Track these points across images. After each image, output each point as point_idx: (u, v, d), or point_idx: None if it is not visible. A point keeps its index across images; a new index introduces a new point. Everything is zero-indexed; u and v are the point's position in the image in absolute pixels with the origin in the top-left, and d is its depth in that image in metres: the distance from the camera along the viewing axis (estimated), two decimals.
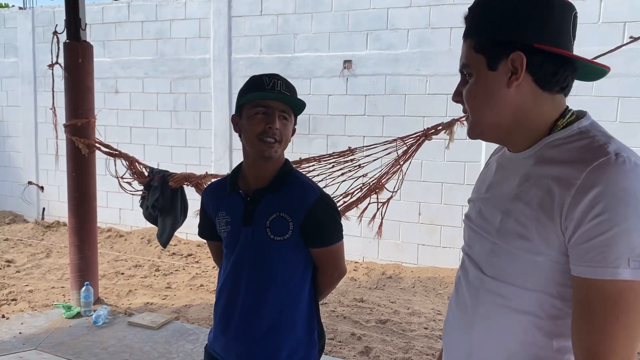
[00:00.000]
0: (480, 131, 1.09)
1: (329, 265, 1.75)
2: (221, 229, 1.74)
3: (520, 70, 0.99)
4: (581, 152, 0.95)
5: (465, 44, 1.07)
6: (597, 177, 0.89)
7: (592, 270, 0.89)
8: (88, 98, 4.18)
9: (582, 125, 1.01)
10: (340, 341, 3.95)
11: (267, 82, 1.63)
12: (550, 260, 0.97)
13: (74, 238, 4.27)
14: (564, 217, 0.92)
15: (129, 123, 7.03)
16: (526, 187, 1.01)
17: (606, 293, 0.89)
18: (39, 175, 7.58)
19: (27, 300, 4.56)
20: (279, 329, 1.67)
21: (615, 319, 0.89)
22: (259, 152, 1.63)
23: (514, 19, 1.00)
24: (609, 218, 0.87)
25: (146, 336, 3.83)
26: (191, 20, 6.56)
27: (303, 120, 6.00)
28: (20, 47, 7.51)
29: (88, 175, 4.25)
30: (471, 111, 1.07)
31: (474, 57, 1.04)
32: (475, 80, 1.04)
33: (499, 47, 1.00)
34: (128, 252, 6.27)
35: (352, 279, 5.41)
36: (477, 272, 1.11)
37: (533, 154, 1.04)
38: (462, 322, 1.15)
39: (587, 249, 0.90)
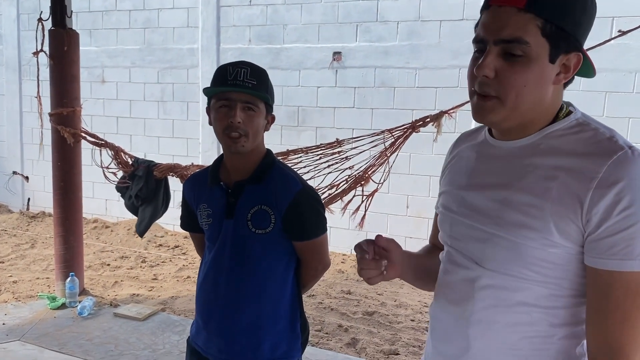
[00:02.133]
0: (505, 118, 1.00)
1: (312, 258, 1.74)
2: (202, 221, 1.73)
3: (572, 71, 0.98)
4: (590, 144, 0.95)
5: (523, 16, 0.93)
6: (619, 172, 0.90)
7: (617, 263, 0.90)
8: (74, 87, 4.12)
9: (577, 116, 1.02)
10: (328, 333, 3.96)
11: (230, 72, 1.57)
12: (567, 252, 0.96)
13: (59, 228, 4.22)
14: (586, 211, 0.92)
15: (116, 113, 6.95)
16: (532, 179, 0.99)
17: (631, 285, 0.90)
18: (24, 165, 7.48)
19: (11, 291, 4.51)
20: (261, 322, 1.66)
21: (638, 311, 0.91)
22: (226, 147, 1.62)
23: (588, 17, 0.96)
24: (635, 212, 0.89)
25: (132, 327, 3.81)
26: (179, 9, 6.48)
27: (292, 112, 5.98)
28: (4, 34, 7.39)
29: (73, 165, 4.20)
30: (511, 97, 0.97)
31: (539, 40, 0.94)
32: (532, 65, 0.95)
33: (566, 41, 0.95)
34: (114, 243, 6.22)
35: (340, 271, 5.42)
36: (471, 264, 1.09)
37: (531, 143, 1.02)
38: (457, 317, 1.12)
39: (612, 242, 0.90)
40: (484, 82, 0.98)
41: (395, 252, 1.22)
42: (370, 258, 1.20)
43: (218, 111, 1.58)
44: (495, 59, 0.96)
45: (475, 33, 1.02)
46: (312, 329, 3.96)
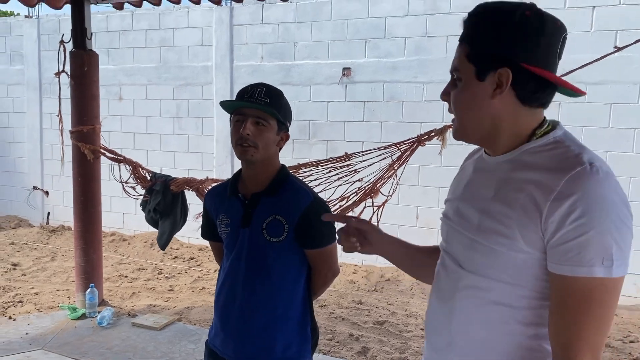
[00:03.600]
0: (463, 134, 1.17)
1: (322, 265, 1.86)
2: (221, 230, 1.86)
3: (504, 85, 1.07)
4: (558, 160, 1.05)
5: (460, 48, 1.13)
6: (574, 185, 0.99)
7: (569, 269, 0.99)
8: (93, 105, 4.30)
9: (557, 135, 1.10)
10: (339, 341, 4.05)
11: (248, 91, 1.74)
12: (531, 257, 1.06)
13: (79, 241, 4.38)
14: (544, 220, 1.01)
15: (133, 129, 7.15)
16: (506, 190, 1.10)
17: (581, 289, 0.99)
18: (44, 180, 7.71)
19: (33, 302, 4.68)
20: (274, 324, 1.78)
21: (587, 312, 0.99)
22: (239, 157, 1.76)
23: (508, 36, 1.06)
24: (585, 222, 0.97)
25: (149, 337, 3.94)
26: (194, 28, 6.69)
27: (303, 126, 6.13)
28: (26, 54, 7.66)
29: (93, 180, 4.37)
30: (456, 114, 1.15)
31: (465, 64, 1.10)
32: (463, 86, 1.12)
33: (490, 60, 1.08)
34: (131, 255, 6.39)
35: (351, 281, 5.51)
36: (456, 267, 1.20)
37: (511, 159, 1.13)
38: (443, 313, 1.23)
39: (566, 249, 0.99)
40: (448, 103, 1.18)
41: (371, 234, 1.43)
42: (344, 233, 1.42)
43: (234, 125, 1.74)
44: (450, 86, 1.16)
45: None
46: (323, 338, 4.07)
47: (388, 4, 5.73)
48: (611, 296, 0.99)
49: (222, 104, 1.77)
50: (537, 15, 1.06)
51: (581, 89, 1.18)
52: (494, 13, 1.10)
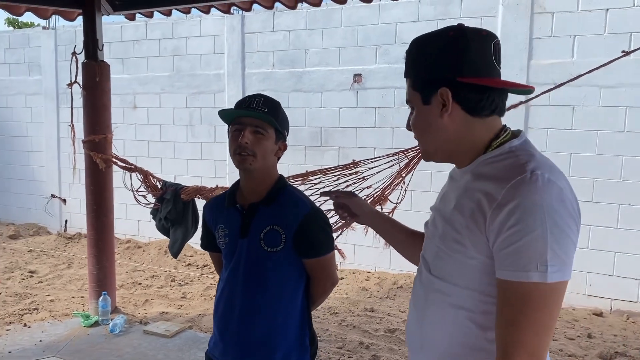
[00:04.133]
0: (427, 155, 1.27)
1: (321, 275, 1.85)
2: (220, 240, 1.86)
3: (447, 103, 1.15)
4: (505, 170, 1.10)
5: (406, 82, 1.24)
6: (513, 193, 1.03)
7: (508, 273, 1.04)
8: (105, 115, 4.36)
9: (513, 144, 1.16)
10: (349, 350, 4.03)
11: (246, 100, 1.77)
12: (481, 263, 1.11)
13: (92, 249, 4.43)
14: (487, 227, 1.07)
15: (147, 137, 7.23)
16: (462, 199, 1.16)
17: (519, 293, 1.03)
18: (62, 188, 7.83)
19: (48, 309, 4.74)
20: (273, 334, 1.78)
21: (525, 316, 1.02)
22: (237, 166, 1.77)
23: (439, 59, 1.16)
24: (521, 229, 1.01)
25: (160, 344, 3.96)
26: (206, 37, 6.75)
27: (315, 132, 6.13)
28: (43, 65, 7.80)
29: (105, 188, 4.42)
30: (418, 139, 1.26)
31: (413, 93, 1.21)
32: (416, 113, 1.22)
33: (429, 85, 1.17)
34: (146, 262, 6.44)
35: (364, 288, 5.48)
36: (427, 273, 1.26)
37: (470, 170, 1.19)
38: (416, 317, 1.30)
39: (505, 255, 1.04)
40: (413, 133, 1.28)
41: (352, 206, 1.70)
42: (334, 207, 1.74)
43: (232, 134, 1.76)
44: (409, 115, 1.27)
45: None
46: (333, 347, 4.05)
47: (399, 10, 5.71)
48: (548, 301, 1.02)
49: (221, 113, 1.78)
50: (459, 32, 1.14)
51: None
52: (423, 43, 1.20)
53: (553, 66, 5.01)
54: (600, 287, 5.01)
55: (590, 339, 4.34)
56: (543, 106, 5.10)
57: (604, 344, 4.23)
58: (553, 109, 5.09)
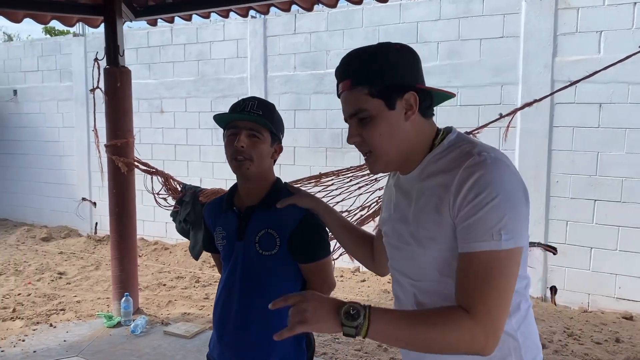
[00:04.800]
0: (387, 163, 1.27)
1: (317, 279, 1.84)
2: (218, 242, 1.87)
3: (415, 106, 1.22)
4: (454, 160, 1.19)
5: (354, 93, 1.24)
6: (467, 174, 1.13)
7: (468, 245, 1.12)
8: (126, 120, 4.44)
9: (450, 139, 1.25)
10: (367, 352, 4.00)
11: (240, 104, 1.75)
12: (454, 249, 1.17)
13: (115, 251, 4.52)
14: (451, 209, 1.15)
15: (174, 141, 7.35)
16: (423, 201, 1.22)
17: (480, 262, 1.10)
18: (92, 191, 8.02)
19: (74, 310, 4.85)
20: (268, 338, 1.76)
21: (486, 282, 1.10)
22: (234, 171, 1.76)
23: (400, 67, 1.23)
24: (476, 203, 1.10)
25: (179, 345, 4.01)
26: (229, 41, 6.82)
27: (336, 134, 6.12)
28: (74, 71, 8.01)
29: (128, 192, 4.50)
30: (377, 148, 1.25)
31: (371, 101, 1.22)
32: (377, 120, 1.23)
33: (394, 90, 1.22)
34: (172, 264, 6.54)
35: (386, 291, 5.44)
36: (408, 280, 1.29)
37: (420, 172, 1.26)
38: None
39: (463, 229, 1.12)
40: (357, 145, 1.29)
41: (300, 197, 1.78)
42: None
43: (227, 139, 1.75)
44: (356, 128, 1.26)
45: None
46: (351, 349, 4.03)
47: (420, 9, 5.66)
48: (506, 266, 1.11)
49: (216, 117, 1.77)
50: (402, 47, 1.26)
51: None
52: (374, 55, 1.24)
53: (578, 63, 4.87)
54: (630, 289, 4.84)
55: (618, 343, 4.20)
56: (568, 104, 4.97)
57: (632, 349, 4.08)
58: (579, 107, 4.95)
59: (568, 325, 4.54)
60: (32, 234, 7.86)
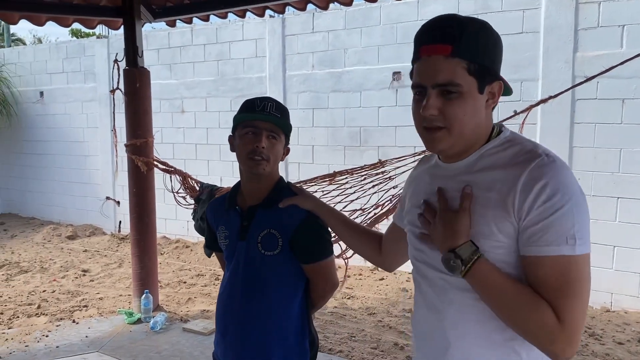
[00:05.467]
0: (454, 144, 1.20)
1: (319, 279, 1.83)
2: (221, 242, 1.88)
3: (497, 96, 1.19)
4: (516, 156, 1.15)
5: (451, 62, 1.13)
6: (538, 173, 1.09)
7: (540, 249, 1.08)
8: (146, 120, 4.51)
9: (506, 135, 1.22)
10: (383, 351, 4.00)
11: (258, 104, 1.74)
12: (508, 248, 1.14)
13: (135, 249, 4.60)
14: (517, 209, 1.10)
15: (195, 140, 7.43)
16: (478, 193, 1.17)
17: (558, 267, 1.07)
18: (116, 190, 8.16)
19: (97, 306, 4.96)
20: (270, 337, 1.77)
21: (571, 290, 1.07)
22: (249, 170, 1.75)
23: (499, 51, 1.19)
24: (550, 206, 1.07)
25: (197, 341, 4.07)
26: (248, 41, 6.87)
27: (354, 132, 6.12)
28: (97, 73, 8.16)
29: (147, 191, 4.57)
30: (456, 127, 1.16)
31: (467, 78, 1.14)
32: (466, 99, 1.15)
33: (488, 75, 1.17)
34: (192, 262, 6.62)
35: (404, 289, 5.42)
36: (440, 275, 1.24)
37: (472, 162, 1.22)
38: (435, 322, 1.26)
39: (534, 231, 1.08)
40: (432, 118, 1.17)
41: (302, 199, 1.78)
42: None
43: (244, 137, 1.74)
44: (436, 100, 1.16)
45: (411, 81, 1.23)
46: (367, 347, 4.03)
47: (438, 5, 5.61)
48: (582, 271, 1.08)
49: (237, 117, 1.77)
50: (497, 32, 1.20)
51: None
52: (490, 32, 1.17)
53: (600, 58, 4.77)
54: None
55: None
56: (589, 100, 4.88)
57: None
58: (600, 103, 4.86)
59: (590, 325, 4.47)
60: (58, 232, 8.03)
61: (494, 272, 1.12)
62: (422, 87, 1.18)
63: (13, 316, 4.70)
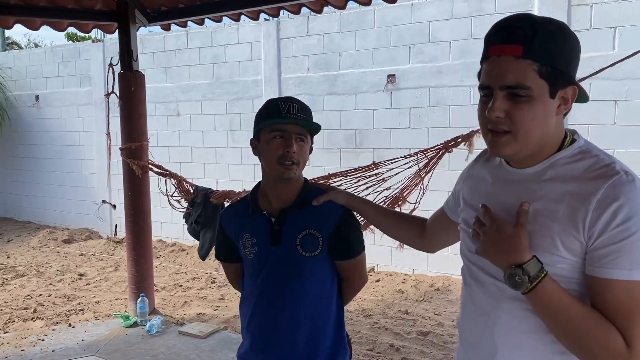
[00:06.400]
0: (520, 150, 1.15)
1: (354, 275, 1.84)
2: (247, 251, 1.79)
3: (571, 102, 1.14)
4: (591, 170, 1.11)
5: (521, 63, 1.09)
6: (615, 192, 1.05)
7: (609, 272, 1.05)
8: (141, 123, 4.52)
9: (580, 144, 1.18)
10: (379, 352, 4.01)
11: (282, 106, 1.68)
12: (570, 264, 1.10)
13: (131, 252, 4.61)
14: (587, 227, 1.06)
15: (190, 143, 7.44)
16: (542, 204, 1.14)
17: (629, 292, 1.04)
18: (112, 194, 8.16)
19: (93, 310, 4.96)
20: (315, 340, 1.75)
21: (637, 312, 1.04)
22: (279, 175, 1.70)
23: (576, 55, 1.13)
24: (626, 228, 1.03)
25: (194, 345, 4.07)
26: (243, 44, 6.89)
27: (350, 135, 6.14)
28: (93, 76, 8.17)
29: (142, 194, 4.58)
30: (522, 131, 1.12)
31: (538, 81, 1.09)
32: (536, 103, 1.10)
33: (562, 79, 1.11)
34: (188, 265, 6.62)
35: (400, 291, 5.43)
36: (493, 281, 1.22)
37: (541, 170, 1.18)
38: (483, 327, 1.25)
39: (605, 253, 1.05)
40: (497, 121, 1.13)
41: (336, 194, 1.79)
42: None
43: (272, 142, 1.68)
44: (503, 102, 1.12)
45: (479, 81, 1.19)
46: (363, 349, 4.04)
47: (432, 8, 5.64)
48: None
49: (265, 123, 1.70)
50: (576, 36, 1.14)
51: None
52: (568, 34, 1.11)
53: (593, 60, 4.78)
54: None
55: None
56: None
57: None
58: (594, 104, 4.88)
59: None
60: (55, 236, 8.03)
61: (558, 291, 1.08)
62: (489, 89, 1.14)
63: (9, 320, 4.70)
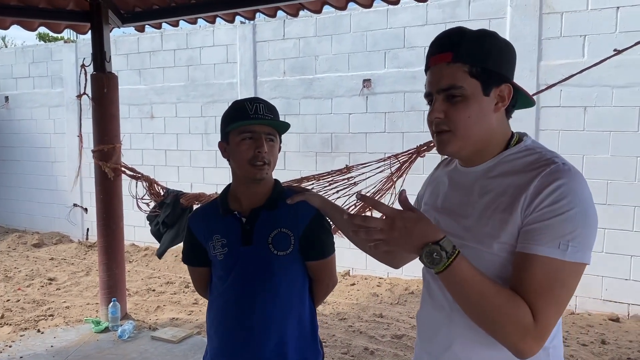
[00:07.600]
0: (462, 147, 1.23)
1: (324, 276, 1.83)
2: (216, 252, 1.76)
3: (507, 99, 1.22)
4: (534, 163, 1.18)
5: (452, 67, 1.18)
6: (550, 178, 1.11)
7: (530, 247, 1.10)
8: (113, 125, 4.46)
9: (527, 143, 1.25)
10: (353, 356, 4.02)
11: (249, 107, 1.68)
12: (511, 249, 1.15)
13: (102, 256, 4.53)
14: (523, 210, 1.13)
15: (164, 146, 7.37)
16: (489, 198, 1.21)
17: (541, 268, 1.09)
18: (83, 197, 8.03)
19: (63, 315, 4.86)
20: (287, 342, 1.73)
21: (550, 292, 1.09)
22: (251, 176, 1.70)
23: (506, 56, 1.21)
24: (554, 209, 1.09)
25: (166, 350, 4.02)
26: (219, 46, 6.86)
27: (325, 139, 6.15)
28: (65, 77, 8.03)
29: (114, 197, 4.51)
30: (461, 129, 1.20)
31: (469, 80, 1.18)
32: (470, 102, 1.19)
33: (494, 77, 1.19)
34: (162, 269, 6.54)
35: (374, 294, 5.46)
36: None
37: (490, 167, 1.25)
38: (440, 320, 1.29)
39: (531, 230, 1.11)
40: (438, 122, 1.23)
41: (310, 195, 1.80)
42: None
43: (242, 143, 1.68)
44: (441, 104, 1.22)
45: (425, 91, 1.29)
46: (338, 352, 4.04)
47: (407, 14, 5.70)
48: (567, 279, 1.09)
49: (234, 125, 1.70)
50: (508, 42, 1.23)
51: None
52: (483, 36, 1.21)
53: (563, 67, 4.90)
54: (616, 291, 4.87)
55: (604, 345, 4.23)
56: (554, 107, 5.01)
57: (617, 350, 4.11)
58: (564, 111, 4.99)
59: None
60: (24, 240, 7.85)
61: (471, 268, 1.11)
62: (431, 95, 1.24)
63: None
